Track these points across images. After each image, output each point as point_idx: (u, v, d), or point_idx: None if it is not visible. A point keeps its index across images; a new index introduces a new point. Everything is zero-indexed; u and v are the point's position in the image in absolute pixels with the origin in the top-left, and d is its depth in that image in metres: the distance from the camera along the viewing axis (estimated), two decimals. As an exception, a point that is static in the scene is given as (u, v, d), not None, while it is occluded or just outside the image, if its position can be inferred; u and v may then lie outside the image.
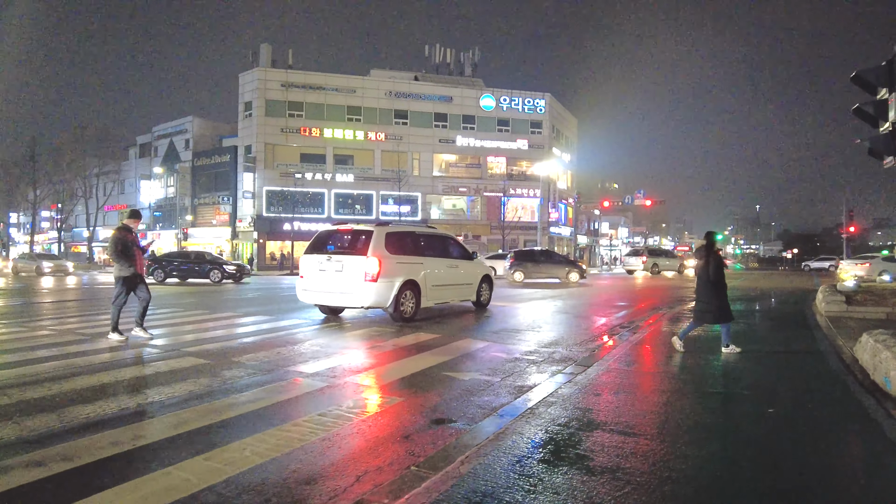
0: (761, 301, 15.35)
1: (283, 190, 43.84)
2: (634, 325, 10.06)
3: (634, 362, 6.58)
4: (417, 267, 9.87)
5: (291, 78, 45.98)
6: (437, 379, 5.66)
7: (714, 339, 7.98)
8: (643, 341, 8.09)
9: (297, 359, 6.57)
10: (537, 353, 7.12)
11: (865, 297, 11.81)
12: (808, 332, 9.07)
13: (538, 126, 51.20)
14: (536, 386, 5.37)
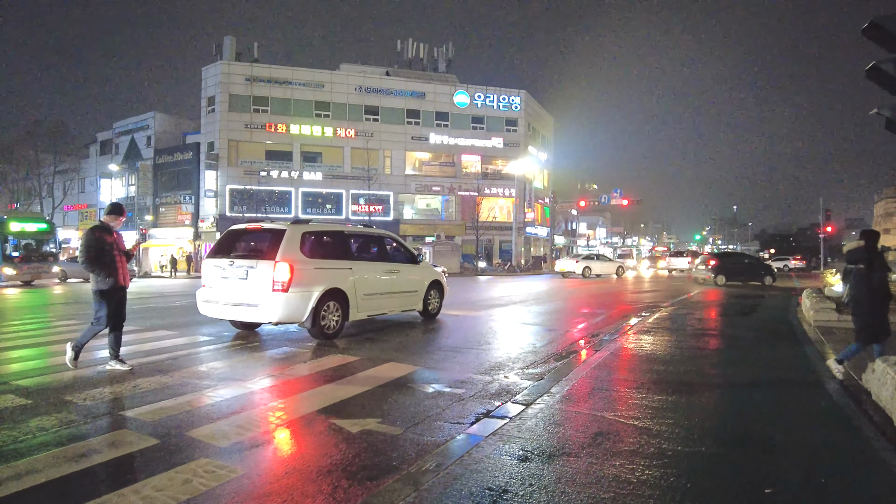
0: (742, 307, 14.13)
1: (247, 188, 42.00)
2: (599, 338, 8.68)
3: (589, 395, 5.15)
4: (344, 273, 8.35)
5: (256, 72, 44.09)
6: (316, 433, 4.16)
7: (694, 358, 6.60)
8: (605, 364, 6.67)
9: (132, 399, 5.01)
10: (469, 384, 5.65)
11: (857, 303, 10.58)
12: (799, 347, 7.76)
13: (513, 124, 49.95)
14: (445, 443, 3.90)
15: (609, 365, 6.53)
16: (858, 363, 6.28)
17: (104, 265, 5.93)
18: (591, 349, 7.63)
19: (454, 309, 13.02)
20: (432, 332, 9.42)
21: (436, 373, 6.20)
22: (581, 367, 6.33)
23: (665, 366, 6.46)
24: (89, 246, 5.90)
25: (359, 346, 7.78)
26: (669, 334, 8.91)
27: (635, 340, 8.27)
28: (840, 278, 12.63)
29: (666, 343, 8.03)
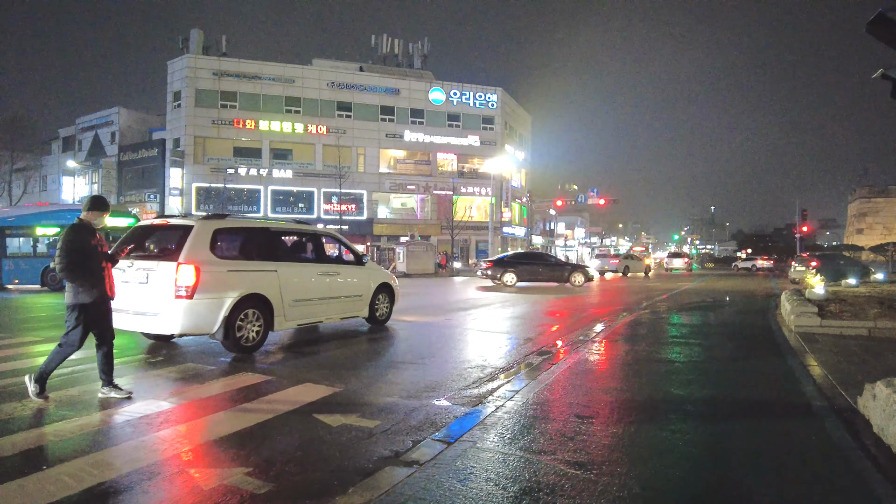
0: (719, 310, 13.32)
1: (214, 186, 40.50)
2: (562, 347, 7.72)
3: (529, 428, 4.16)
4: (267, 277, 7.26)
5: (224, 66, 42.61)
6: (170, 484, 3.10)
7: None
8: (560, 383, 5.70)
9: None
10: (390, 412, 4.64)
11: (840, 307, 9.80)
12: (781, 360, 6.87)
13: (490, 122, 49.10)
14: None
15: (565, 383, 5.55)
16: (847, 377, 5.39)
17: (88, 273, 4.83)
18: (549, 362, 6.66)
19: (412, 314, 11.99)
20: (375, 343, 8.38)
21: (356, 396, 5.16)
22: (530, 388, 5.35)
23: (628, 385, 5.51)
24: (71, 249, 4.75)
25: (281, 362, 6.72)
26: (638, 343, 7.99)
27: (598, 351, 7.33)
28: (821, 278, 11.86)
29: (632, 355, 7.10)
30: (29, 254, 20.11)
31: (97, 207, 4.99)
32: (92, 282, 4.83)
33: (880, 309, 9.63)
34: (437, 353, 7.41)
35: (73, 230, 4.84)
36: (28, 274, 19.68)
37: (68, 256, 4.72)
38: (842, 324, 8.90)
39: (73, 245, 4.76)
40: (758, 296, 17.83)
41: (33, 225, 20.10)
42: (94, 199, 5.06)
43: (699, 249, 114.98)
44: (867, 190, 69.27)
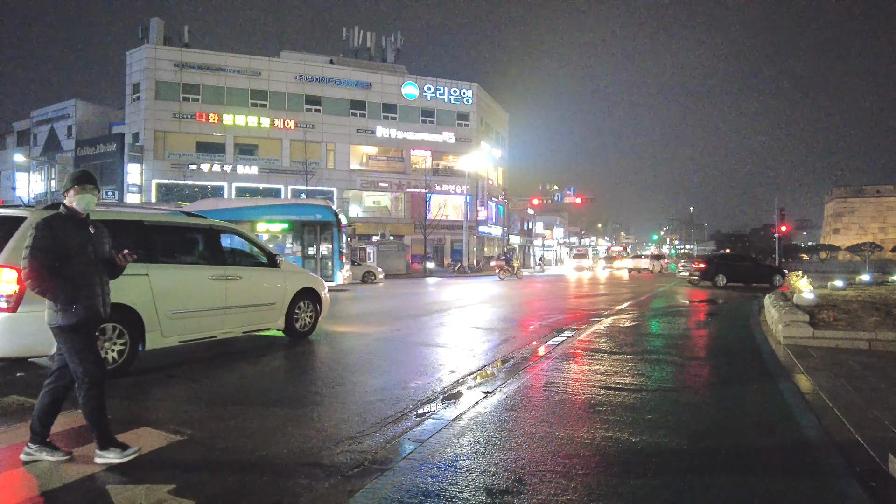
0: (697, 317, 12.07)
1: (174, 183, 38.62)
2: (504, 368, 6.33)
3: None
4: (135, 282, 5.73)
5: (186, 57, 40.65)
6: None
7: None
8: (487, 423, 4.30)
9: None
10: (218, 492, 3.19)
11: (833, 314, 8.57)
12: (772, 384, 5.55)
13: (465, 118, 47.75)
14: None
15: (494, 425, 4.15)
16: (860, 413, 4.07)
17: (66, 283, 3.37)
18: (484, 390, 5.26)
19: (355, 323, 10.55)
20: (277, 365, 6.92)
21: (194, 454, 3.71)
22: (443, 432, 3.95)
23: (574, 427, 4.13)
24: (43, 248, 3.32)
25: (139, 392, 5.23)
26: (598, 362, 6.64)
27: (549, 372, 5.96)
28: (807, 282, 10.68)
29: (588, 380, 5.74)
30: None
31: (82, 183, 3.47)
32: (72, 295, 3.36)
33: (879, 317, 8.42)
34: (351, 380, 5.96)
35: (47, 223, 3.36)
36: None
37: (36, 260, 3.28)
38: (837, 335, 7.65)
39: (45, 244, 3.31)
40: (736, 298, 16.69)
41: (240, 220, 18.45)
42: (80, 174, 3.53)
43: (678, 250, 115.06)
44: (843, 190, 69.42)
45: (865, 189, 68.66)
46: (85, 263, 3.43)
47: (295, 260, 18.96)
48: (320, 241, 19.76)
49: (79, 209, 3.47)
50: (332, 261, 19.63)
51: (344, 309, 13.39)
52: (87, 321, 3.43)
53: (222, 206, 20.09)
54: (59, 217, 3.41)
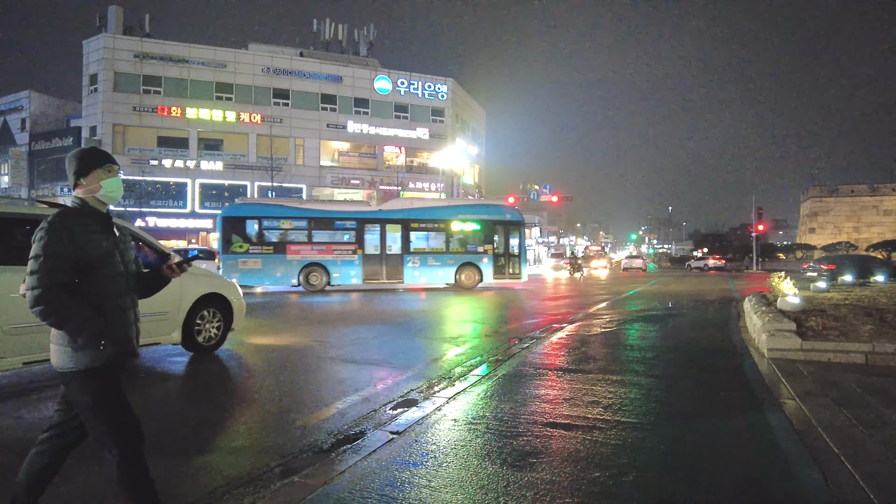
0: (671, 322, 11.02)
1: (135, 179, 36.74)
2: (420, 397, 5.15)
3: None
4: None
5: (147, 48, 38.80)
6: None
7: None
8: (369, 484, 3.10)
9: None
10: None
11: (822, 322, 7.54)
12: (759, 417, 4.42)
13: (440, 114, 46.54)
14: None
15: (375, 498, 2.96)
16: (876, 463, 2.96)
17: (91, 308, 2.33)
18: (393, 430, 4.06)
19: (281, 333, 9.28)
20: (151, 391, 5.65)
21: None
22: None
23: (506, 480, 2.95)
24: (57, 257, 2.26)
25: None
26: (550, 384, 5.49)
27: (485, 400, 4.79)
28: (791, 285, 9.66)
29: (531, 412, 4.58)
30: (440, 249, 19.88)
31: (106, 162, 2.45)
32: (100, 326, 2.31)
33: (873, 324, 7.41)
34: (212, 421, 4.73)
35: (62, 220, 2.30)
36: (437, 271, 19.70)
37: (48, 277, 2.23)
38: (829, 346, 6.60)
39: (58, 249, 2.25)
40: (715, 300, 15.74)
41: (445, 219, 19.91)
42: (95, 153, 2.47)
43: (656, 249, 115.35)
44: (819, 189, 69.69)
45: (840, 188, 69.03)
46: (113, 278, 2.38)
47: (488, 258, 19.93)
48: (508, 240, 20.38)
49: (96, 197, 2.40)
50: (519, 259, 20.49)
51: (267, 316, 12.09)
52: (117, 362, 2.37)
53: (417, 206, 20.58)
54: (76, 212, 2.35)
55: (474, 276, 19.78)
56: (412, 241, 19.45)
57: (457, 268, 19.55)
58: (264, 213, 18.90)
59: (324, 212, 19.43)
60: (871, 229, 66.05)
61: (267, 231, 18.67)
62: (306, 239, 18.71)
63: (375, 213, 19.63)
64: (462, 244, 19.88)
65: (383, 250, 19.16)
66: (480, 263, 19.79)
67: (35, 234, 2.24)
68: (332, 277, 18.71)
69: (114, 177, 2.44)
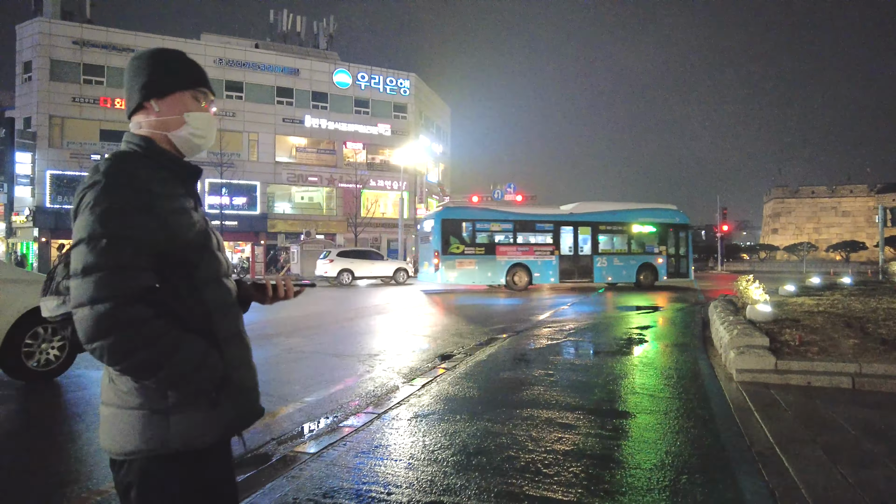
0: (627, 332, 9.90)
1: (73, 175, 34.38)
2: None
3: None
4: None
5: (89, 35, 36.39)
6: None
7: None
8: None
9: None
10: None
11: (798, 335, 6.45)
12: (727, 483, 3.22)
13: (403, 110, 45.10)
14: None
15: None
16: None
17: (191, 338, 1.30)
18: None
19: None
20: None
21: None
22: None
23: None
24: (135, 254, 1.25)
25: None
26: (442, 430, 4.22)
27: (334, 467, 3.49)
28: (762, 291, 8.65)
29: (389, 485, 3.29)
30: (623, 251, 20.83)
31: (200, 85, 1.49)
32: (213, 364, 1.32)
33: (856, 337, 6.36)
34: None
35: (124, 175, 1.28)
36: (622, 271, 20.51)
37: (119, 276, 1.20)
38: (808, 367, 5.51)
39: (129, 225, 1.25)
40: (679, 305, 14.78)
41: (627, 221, 20.84)
42: (167, 58, 1.45)
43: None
44: (781, 191, 70.60)
45: (801, 190, 70.05)
46: (218, 282, 1.42)
47: (662, 259, 21.24)
48: (678, 241, 21.74)
49: (185, 148, 1.47)
50: (687, 259, 21.88)
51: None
52: (231, 434, 1.40)
53: (600, 209, 21.30)
54: (143, 158, 1.37)
55: (651, 276, 20.94)
56: (600, 242, 20.73)
57: (637, 267, 20.79)
58: (477, 217, 19.93)
59: (526, 215, 20.68)
60: (830, 230, 67.19)
61: (479, 233, 19.60)
62: (512, 241, 19.78)
63: (568, 217, 20.75)
64: (640, 245, 21.16)
65: (576, 251, 20.46)
66: (656, 263, 21.17)
67: (80, 198, 1.27)
68: (534, 277, 19.77)
69: (207, 112, 1.50)
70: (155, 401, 1.27)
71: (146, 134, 1.42)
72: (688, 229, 22.18)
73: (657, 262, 21.15)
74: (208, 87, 1.51)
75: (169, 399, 1.27)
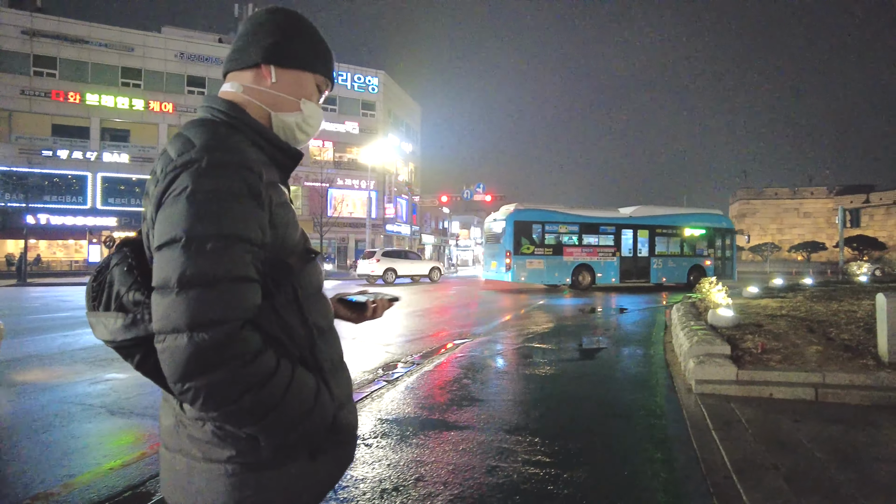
0: (586, 337, 9.53)
1: (22, 171, 32.82)
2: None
3: None
4: None
5: (39, 24, 34.80)
6: None
7: None
8: None
9: None
10: None
11: (761, 342, 6.13)
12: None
13: (371, 108, 44.40)
14: None
15: None
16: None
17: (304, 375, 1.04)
18: None
19: (67, 362, 7.16)
20: None
21: None
22: None
23: None
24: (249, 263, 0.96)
25: None
26: (362, 461, 3.72)
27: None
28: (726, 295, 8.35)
29: None
30: (676, 253, 21.89)
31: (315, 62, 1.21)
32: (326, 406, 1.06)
33: (819, 343, 6.06)
34: None
35: (233, 154, 0.98)
36: (675, 273, 21.61)
37: (233, 292, 0.92)
38: (771, 377, 5.16)
39: (241, 219, 0.95)
40: (641, 307, 14.55)
41: (680, 225, 21.88)
42: (297, 24, 1.19)
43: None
44: (746, 192, 71.93)
45: (765, 191, 71.48)
46: (320, 294, 1.15)
47: (710, 261, 22.37)
48: (725, 245, 22.97)
49: (284, 136, 1.19)
50: (732, 261, 23.19)
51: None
52: (328, 490, 1.14)
53: (656, 213, 22.22)
54: (240, 133, 1.07)
55: (700, 277, 22.10)
56: (657, 244, 21.60)
57: (688, 269, 21.85)
58: (546, 219, 20.49)
59: (591, 218, 21.26)
60: (792, 231, 68.75)
61: (548, 235, 20.32)
62: (577, 242, 20.64)
63: (628, 220, 21.57)
64: (691, 248, 22.29)
65: (635, 253, 21.30)
66: (704, 265, 22.25)
67: (169, 182, 0.94)
68: (597, 277, 20.59)
69: (319, 108, 1.24)
70: (246, 453, 0.99)
71: (241, 102, 1.12)
72: (732, 234, 23.38)
73: (706, 263, 22.33)
74: (332, 84, 1.26)
75: (263, 450, 0.99)
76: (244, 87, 1.14)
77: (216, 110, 1.09)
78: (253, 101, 1.14)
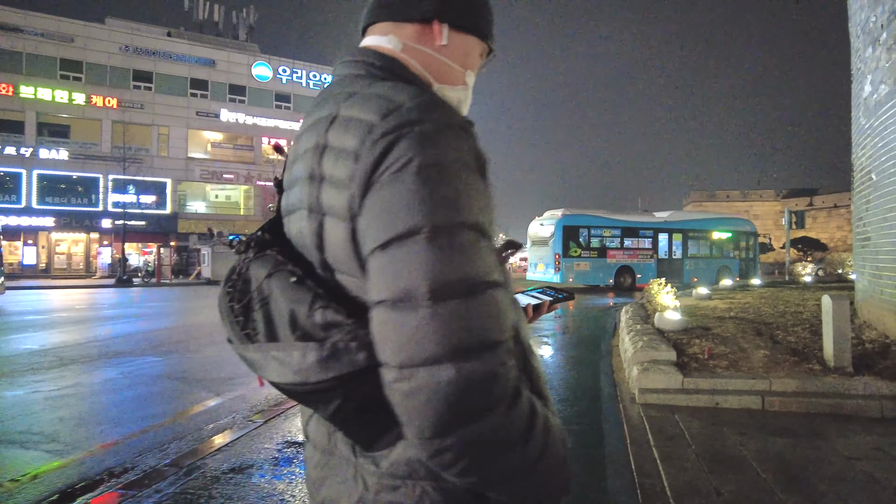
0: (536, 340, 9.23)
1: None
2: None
3: None
4: None
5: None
6: None
7: None
8: None
9: None
10: None
11: (708, 347, 5.91)
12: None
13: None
14: None
15: None
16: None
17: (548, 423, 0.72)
18: None
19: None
20: None
21: None
22: None
23: None
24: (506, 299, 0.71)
25: None
26: (257, 495, 3.25)
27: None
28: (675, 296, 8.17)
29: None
30: (707, 255, 23.13)
31: (488, 31, 0.94)
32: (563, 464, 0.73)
33: (765, 347, 5.88)
34: None
35: (469, 147, 0.69)
36: (705, 273, 22.58)
37: (495, 301, 0.66)
38: (717, 385, 4.91)
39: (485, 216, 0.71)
40: (592, 309, 14.42)
41: (710, 229, 23.19)
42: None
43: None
44: (699, 194, 73.75)
45: (717, 193, 73.43)
46: (517, 303, 0.88)
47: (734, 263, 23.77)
48: (748, 247, 24.22)
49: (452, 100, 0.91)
50: (755, 263, 24.37)
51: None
52: None
53: (689, 217, 23.58)
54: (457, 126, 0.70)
55: (726, 279, 22.20)
56: (689, 246, 22.73)
57: (717, 269, 22.94)
58: (591, 223, 21.36)
59: (631, 222, 22.15)
60: (743, 232, 70.75)
61: (593, 238, 21.19)
62: (619, 245, 21.56)
63: (663, 224, 22.55)
64: (720, 250, 23.54)
65: (670, 255, 22.40)
66: (731, 267, 23.51)
67: (383, 151, 0.66)
68: (637, 278, 21.34)
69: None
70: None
71: (403, 63, 0.84)
72: (756, 237, 24.71)
73: (731, 266, 23.74)
74: (489, 57, 0.98)
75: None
76: (404, 45, 0.86)
77: (376, 67, 0.81)
78: (414, 65, 0.85)
